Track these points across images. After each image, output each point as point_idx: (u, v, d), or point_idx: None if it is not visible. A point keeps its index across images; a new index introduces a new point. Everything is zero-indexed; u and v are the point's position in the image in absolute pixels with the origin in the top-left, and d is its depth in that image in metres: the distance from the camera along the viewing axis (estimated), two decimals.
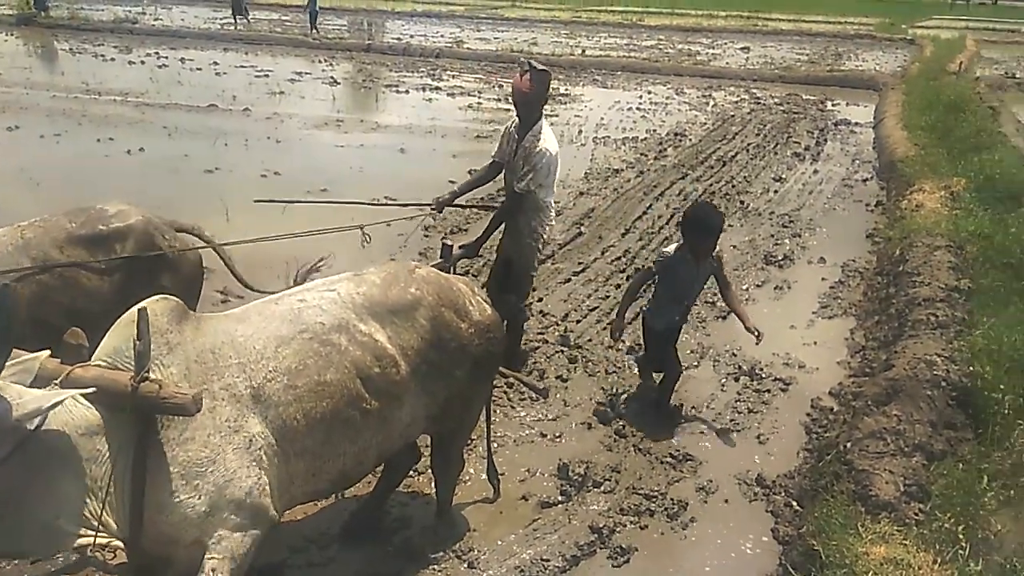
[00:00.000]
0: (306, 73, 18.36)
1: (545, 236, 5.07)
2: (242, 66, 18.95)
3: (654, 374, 5.01)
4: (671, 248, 4.65)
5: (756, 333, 4.49)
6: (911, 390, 4.12)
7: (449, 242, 4.67)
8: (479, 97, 15.97)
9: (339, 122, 12.94)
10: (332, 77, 17.94)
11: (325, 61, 20.60)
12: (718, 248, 4.56)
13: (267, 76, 17.42)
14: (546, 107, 4.94)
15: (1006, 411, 4.10)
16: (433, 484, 3.65)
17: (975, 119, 11.91)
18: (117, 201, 3.90)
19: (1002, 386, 4.21)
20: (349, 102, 15.51)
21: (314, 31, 25.13)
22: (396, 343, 2.90)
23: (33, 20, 26.14)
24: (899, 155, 10.32)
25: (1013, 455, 3.83)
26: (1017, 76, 20.16)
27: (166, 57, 19.75)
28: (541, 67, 4.73)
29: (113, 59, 19.31)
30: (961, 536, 3.22)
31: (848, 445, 3.84)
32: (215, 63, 18.99)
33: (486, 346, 3.22)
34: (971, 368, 4.37)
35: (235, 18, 26.41)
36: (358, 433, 2.82)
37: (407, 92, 16.51)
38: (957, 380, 4.26)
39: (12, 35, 24.04)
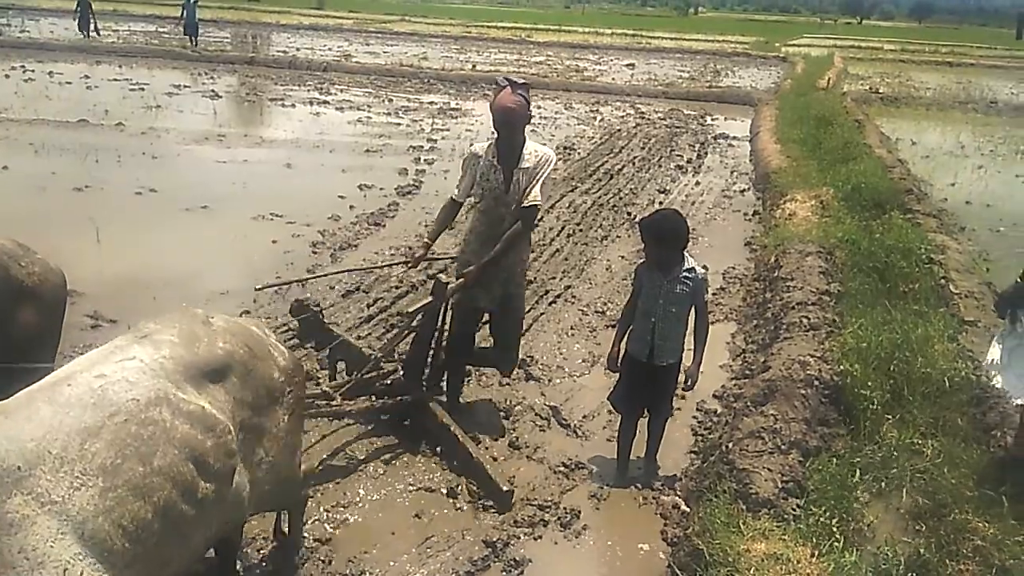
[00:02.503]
0: (185, 86, 17.70)
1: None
2: (115, 79, 18.09)
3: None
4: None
5: (689, 380, 4.10)
6: (787, 390, 4.29)
7: (444, 278, 4.28)
8: (368, 111, 15.81)
9: (221, 137, 12.51)
10: (213, 90, 17.36)
11: (206, 74, 19.94)
12: (701, 271, 4.10)
13: (142, 89, 16.68)
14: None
15: (875, 406, 4.33)
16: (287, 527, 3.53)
17: (843, 132, 12.68)
18: None
19: (870, 383, 4.45)
20: (232, 116, 15.05)
21: (193, 41, 24.26)
22: (220, 409, 2.51)
23: None
24: (773, 167, 10.84)
25: (883, 448, 4.04)
26: (881, 91, 21.59)
27: (32, 71, 18.58)
28: (521, 81, 4.28)
29: None
30: (836, 529, 3.36)
31: (730, 445, 3.96)
32: (86, 76, 18.07)
33: (296, 392, 2.93)
34: (842, 367, 4.59)
35: (84, 31, 25.06)
36: (193, 528, 2.38)
37: (293, 106, 16.16)
38: (829, 379, 4.47)
39: None
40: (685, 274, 3.97)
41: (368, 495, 4.00)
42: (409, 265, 4.94)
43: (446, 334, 4.66)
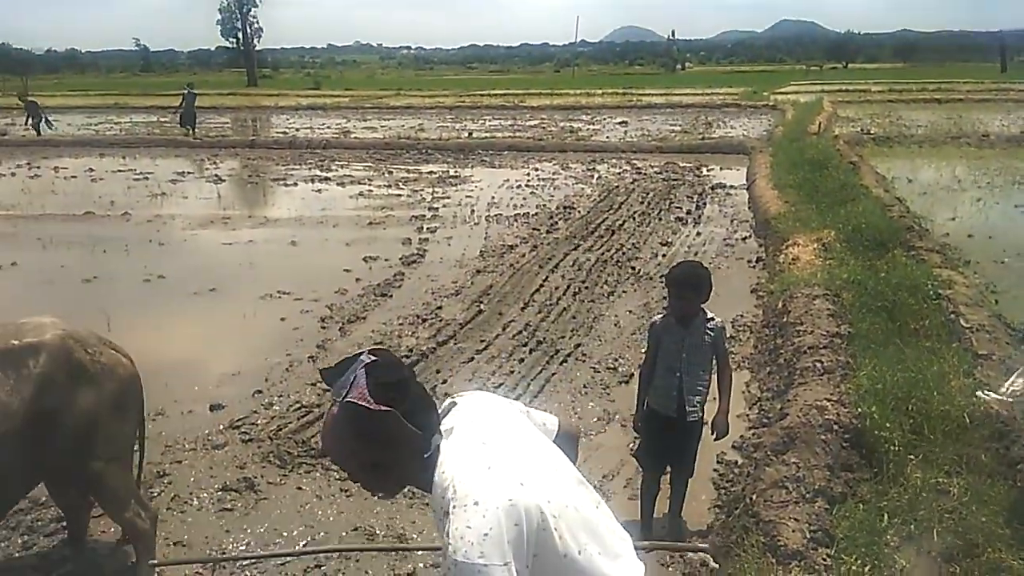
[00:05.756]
0: (188, 173, 18.08)
1: None
2: (120, 170, 18.47)
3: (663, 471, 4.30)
4: (660, 315, 4.23)
5: (717, 431, 4.09)
6: (806, 436, 4.24)
7: None
8: (369, 184, 16.07)
9: (225, 219, 12.70)
10: (216, 175, 17.71)
11: (208, 159, 20.34)
12: (717, 319, 4.07)
13: (146, 179, 17.03)
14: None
15: (896, 448, 4.27)
16: None
17: (838, 174, 12.79)
18: (44, 315, 3.65)
19: (889, 424, 4.40)
20: (235, 198, 15.30)
21: (192, 132, 24.66)
22: None
23: None
24: (772, 213, 10.91)
25: (908, 490, 3.97)
26: (872, 132, 21.84)
27: (38, 167, 19.06)
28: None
29: None
30: None
31: (754, 497, 3.89)
32: (90, 169, 18.45)
33: None
34: (860, 409, 4.54)
35: (36, 129, 25.26)
36: None
37: (295, 184, 16.43)
38: (848, 422, 4.42)
39: None
40: (705, 325, 3.99)
41: None
42: None
43: None
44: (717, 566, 3.78)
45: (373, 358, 1.80)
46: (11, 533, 4.28)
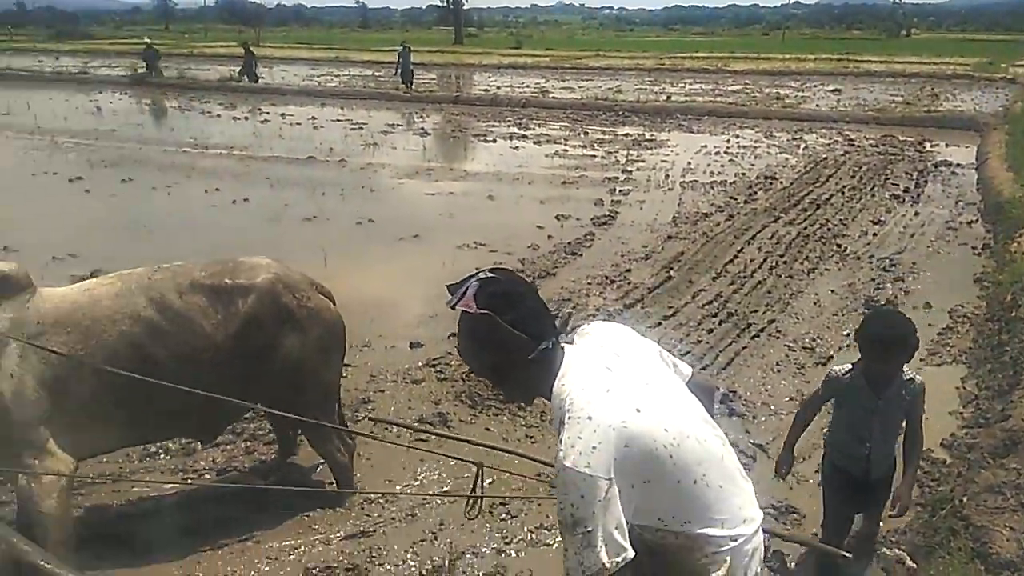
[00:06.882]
0: (398, 125, 19.03)
1: None
2: (338, 120, 19.77)
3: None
4: (843, 367, 3.38)
5: (899, 504, 3.28)
6: None
7: None
8: (565, 144, 16.17)
9: (429, 171, 13.29)
10: (423, 128, 18.53)
11: (416, 113, 21.31)
12: (917, 377, 3.26)
13: (361, 128, 18.11)
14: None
15: None
16: None
17: None
18: (262, 256, 3.85)
19: None
20: (439, 151, 15.96)
21: (409, 86, 25.72)
22: None
23: (145, 80, 28.02)
24: (1006, 196, 9.88)
25: None
26: None
27: (268, 113, 20.80)
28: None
29: (219, 115, 20.50)
30: None
31: (964, 500, 3.62)
32: (313, 118, 19.88)
33: None
34: None
35: (247, 76, 27.12)
36: None
37: (494, 141, 16.85)
38: None
39: (126, 94, 25.87)
40: (904, 389, 3.24)
41: None
42: None
43: None
44: (915, 566, 3.57)
45: (491, 275, 1.94)
46: (236, 439, 4.81)
